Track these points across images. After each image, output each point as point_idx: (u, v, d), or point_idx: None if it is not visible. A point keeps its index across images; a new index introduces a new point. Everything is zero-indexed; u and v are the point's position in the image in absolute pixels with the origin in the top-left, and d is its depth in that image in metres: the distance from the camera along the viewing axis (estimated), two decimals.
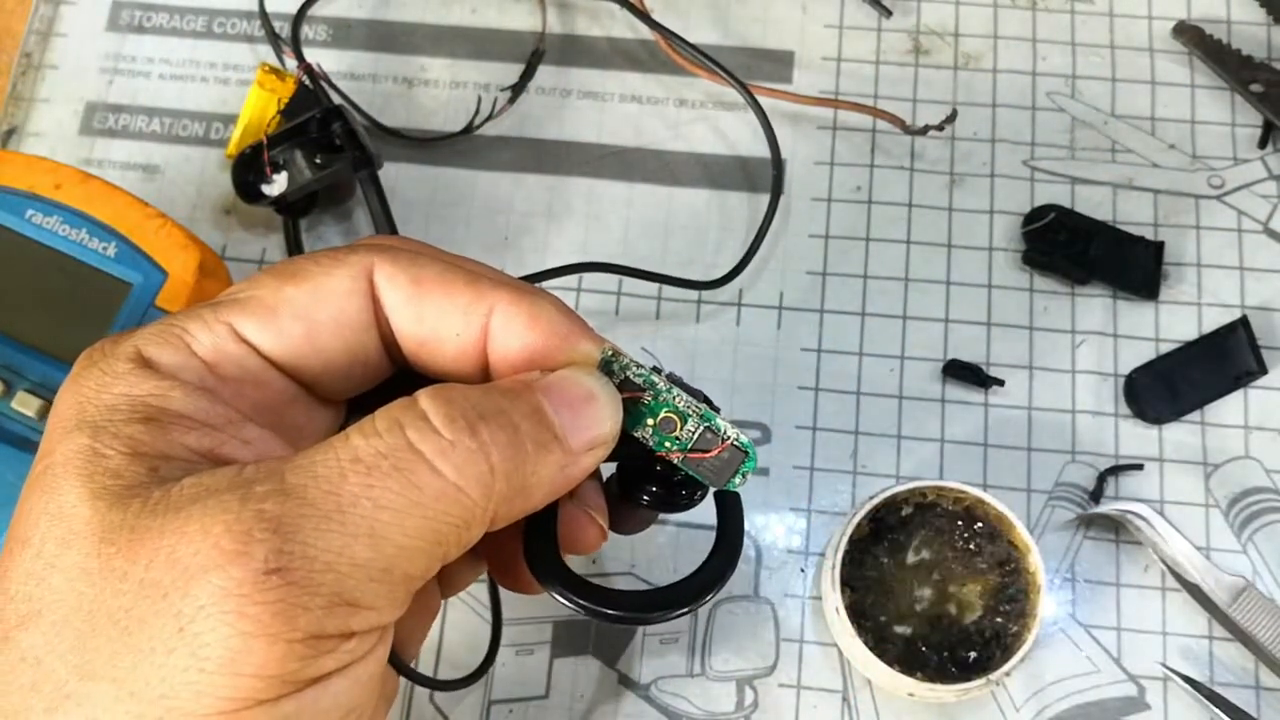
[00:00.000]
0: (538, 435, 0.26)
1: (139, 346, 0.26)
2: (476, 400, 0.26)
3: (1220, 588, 0.46)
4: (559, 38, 0.58)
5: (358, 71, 0.57)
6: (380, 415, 0.25)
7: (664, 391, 0.29)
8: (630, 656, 0.47)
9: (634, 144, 0.56)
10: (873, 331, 0.52)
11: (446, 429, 0.25)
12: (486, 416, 0.25)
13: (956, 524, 0.46)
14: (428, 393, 0.25)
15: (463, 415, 0.25)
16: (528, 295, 0.28)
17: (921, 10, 0.57)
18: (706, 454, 0.29)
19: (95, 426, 0.25)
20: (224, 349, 0.27)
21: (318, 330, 0.28)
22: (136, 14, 0.59)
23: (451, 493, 0.24)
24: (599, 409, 0.27)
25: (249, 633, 0.22)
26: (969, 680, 0.43)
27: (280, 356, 0.27)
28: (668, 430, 0.29)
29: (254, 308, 0.27)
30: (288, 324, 0.27)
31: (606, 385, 0.28)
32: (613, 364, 0.29)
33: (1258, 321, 0.50)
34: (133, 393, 0.25)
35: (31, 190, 0.46)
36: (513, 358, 0.28)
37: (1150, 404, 0.49)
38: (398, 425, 0.25)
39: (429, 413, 0.25)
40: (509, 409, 0.26)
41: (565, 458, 0.27)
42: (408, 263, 0.28)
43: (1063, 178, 0.54)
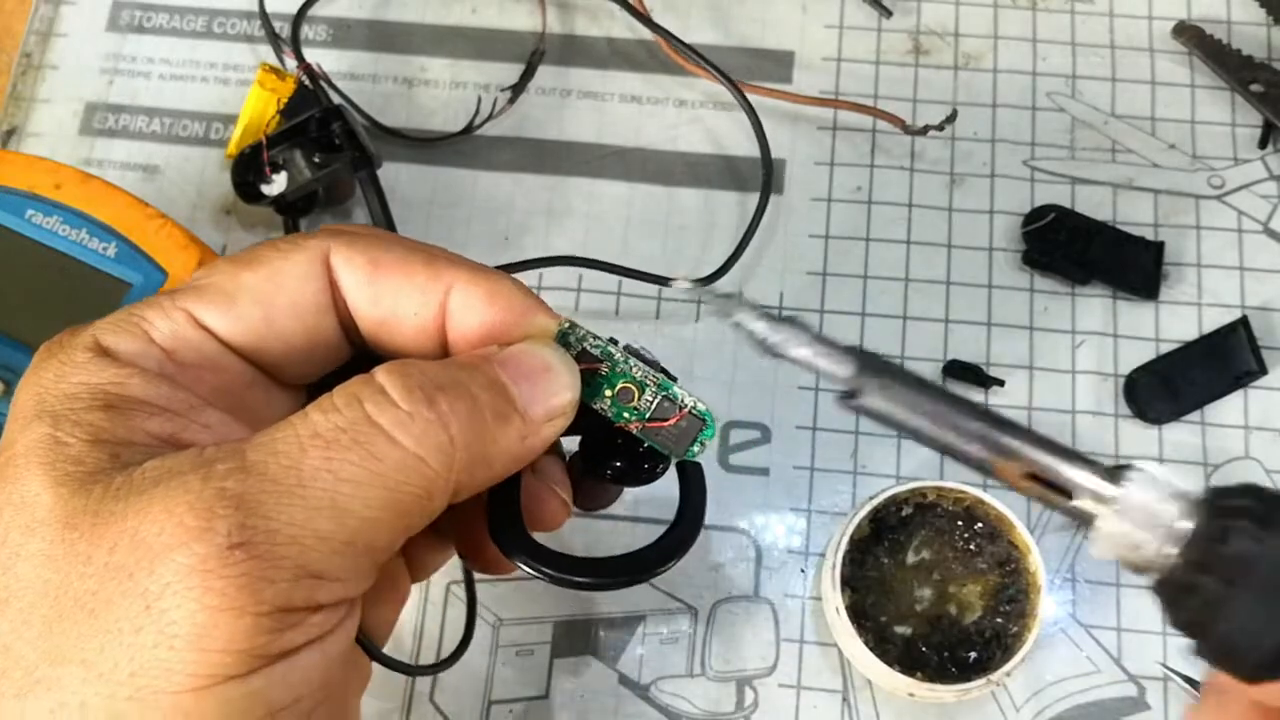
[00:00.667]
0: (497, 406, 0.26)
1: (97, 336, 0.26)
2: (434, 373, 0.26)
3: None
4: (559, 38, 0.58)
5: (358, 72, 0.57)
6: (338, 391, 0.25)
7: (620, 362, 0.29)
8: (630, 657, 0.47)
9: (634, 144, 0.56)
10: (873, 332, 0.52)
11: (404, 401, 0.25)
12: (445, 388, 0.26)
13: (957, 524, 0.46)
14: (385, 367, 0.26)
15: (420, 387, 0.25)
16: (485, 274, 0.29)
17: (921, 10, 0.57)
18: (665, 423, 0.29)
19: (55, 415, 0.25)
20: (182, 335, 0.27)
21: (275, 314, 0.28)
22: (136, 14, 0.59)
23: (412, 463, 0.25)
24: (557, 379, 0.28)
25: (215, 607, 0.22)
26: (969, 680, 0.43)
27: (238, 341, 0.28)
28: (626, 400, 0.29)
29: (212, 294, 0.27)
30: (245, 309, 0.27)
31: (563, 356, 0.28)
32: (569, 336, 0.29)
33: (1258, 322, 0.50)
34: (92, 381, 0.25)
35: (31, 190, 0.46)
36: (471, 335, 0.28)
37: (1150, 404, 0.49)
38: (355, 400, 0.25)
39: (386, 386, 0.25)
40: (467, 380, 0.26)
41: (525, 428, 0.27)
42: (365, 245, 0.28)
43: (1063, 178, 0.54)
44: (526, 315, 0.29)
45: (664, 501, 0.32)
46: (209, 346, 0.27)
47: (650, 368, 0.29)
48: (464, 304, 0.28)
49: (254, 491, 0.23)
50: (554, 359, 0.28)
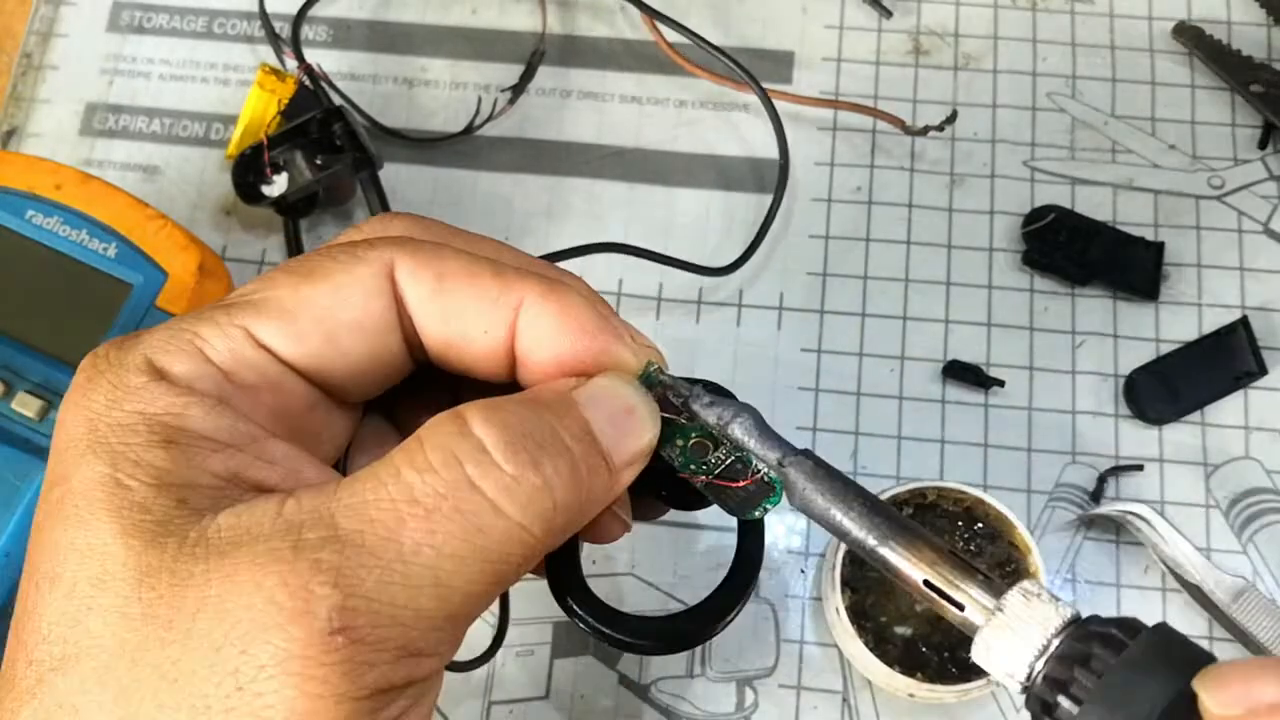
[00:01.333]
0: (590, 459, 0.25)
1: (149, 356, 0.25)
2: (530, 424, 0.24)
3: (1220, 588, 0.45)
4: (559, 38, 0.58)
5: (358, 72, 0.57)
6: (431, 445, 0.23)
7: (702, 412, 0.28)
8: (630, 657, 0.47)
9: (634, 145, 0.56)
10: (873, 332, 0.52)
11: (509, 462, 0.23)
12: (545, 445, 0.24)
13: (957, 525, 0.45)
14: (480, 416, 0.24)
15: (523, 446, 0.23)
16: (556, 289, 0.27)
17: (922, 11, 0.57)
18: (732, 483, 0.28)
19: (113, 452, 0.23)
20: (240, 355, 0.25)
21: (338, 332, 0.26)
22: (137, 15, 0.59)
23: (516, 533, 0.23)
24: (640, 423, 0.26)
25: (316, 694, 0.21)
26: (969, 681, 0.43)
27: (300, 361, 0.26)
28: (697, 455, 0.28)
29: (270, 310, 0.26)
30: (307, 327, 0.26)
31: (646, 397, 0.27)
32: (652, 378, 0.28)
33: (1258, 322, 0.50)
34: (148, 410, 0.24)
35: (32, 191, 0.46)
36: (542, 358, 0.27)
37: (1150, 404, 0.49)
38: (454, 460, 0.23)
39: (486, 443, 0.23)
40: (561, 431, 0.25)
41: (611, 477, 0.26)
42: (430, 257, 0.27)
43: (1063, 178, 0.54)
44: (600, 340, 0.27)
45: None
46: (269, 367, 0.26)
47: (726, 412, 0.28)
48: (534, 323, 0.26)
49: (352, 567, 0.21)
50: (637, 400, 0.27)
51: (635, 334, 0.28)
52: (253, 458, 0.24)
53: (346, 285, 0.26)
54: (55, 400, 0.44)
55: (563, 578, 0.28)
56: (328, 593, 0.21)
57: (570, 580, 0.28)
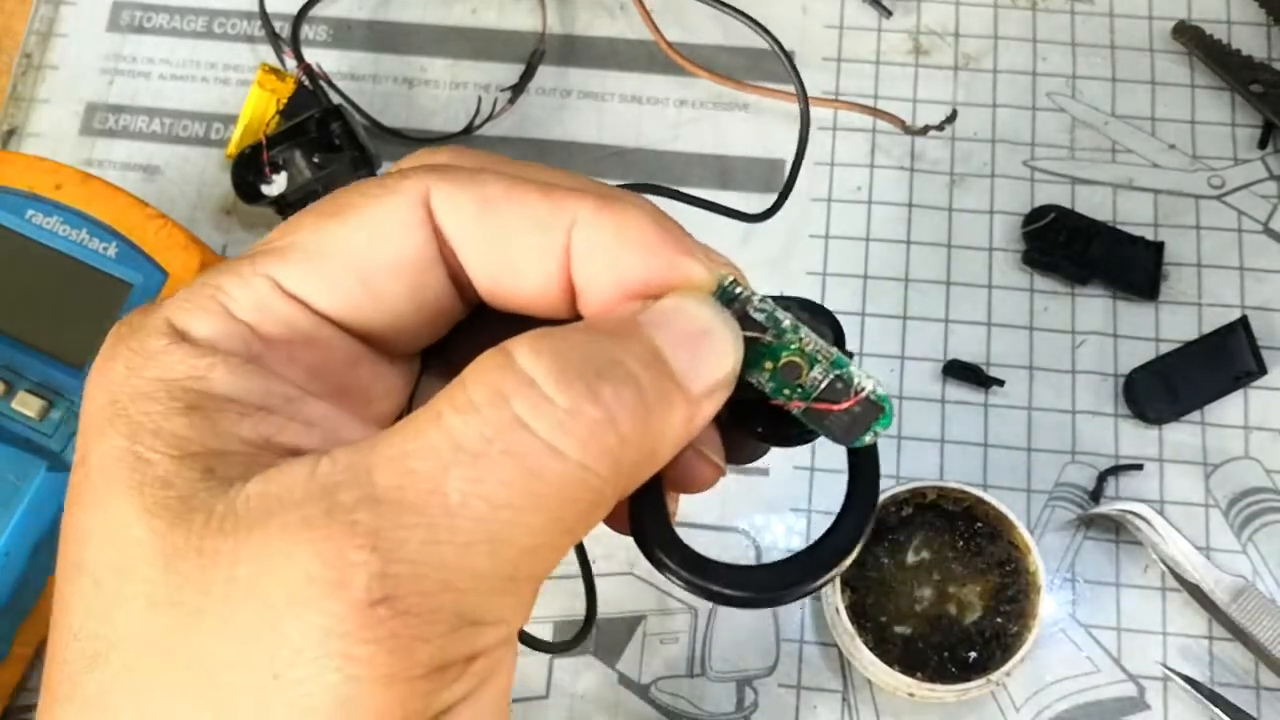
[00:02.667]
0: (660, 386, 0.21)
1: (169, 317, 0.22)
2: (586, 352, 0.21)
3: (1220, 588, 0.46)
4: (559, 38, 0.58)
5: (358, 72, 0.57)
6: (474, 382, 0.20)
7: (789, 331, 0.24)
8: (630, 656, 0.47)
9: (634, 144, 0.56)
10: (873, 332, 0.52)
11: (562, 395, 0.20)
12: (604, 373, 0.21)
13: (957, 524, 0.46)
14: (527, 347, 0.21)
15: (578, 375, 0.20)
16: (612, 203, 0.23)
17: (922, 10, 0.57)
18: (834, 406, 0.24)
19: (132, 423, 0.21)
20: (268, 307, 0.23)
21: (375, 274, 0.23)
22: (137, 14, 0.59)
23: (577, 474, 0.20)
24: (719, 345, 0.23)
25: (361, 677, 0.18)
26: (969, 680, 0.43)
27: (334, 310, 0.23)
28: (790, 377, 0.24)
29: (296, 255, 0.23)
30: (338, 270, 0.23)
31: (724, 315, 0.23)
32: (729, 292, 0.24)
33: (1258, 322, 0.50)
34: (168, 375, 0.21)
35: (32, 190, 0.46)
36: (602, 283, 0.23)
37: (1150, 404, 0.49)
38: (500, 397, 0.20)
39: (535, 375, 0.20)
40: (624, 358, 0.21)
41: (688, 408, 0.22)
42: (468, 181, 0.23)
43: (1063, 178, 0.54)
44: (666, 255, 0.23)
45: None
46: (300, 319, 0.23)
47: (821, 329, 0.25)
48: (589, 243, 0.23)
49: (391, 527, 0.19)
50: (714, 320, 0.23)
51: (707, 250, 0.24)
52: (286, 420, 0.22)
53: (378, 219, 0.23)
54: (55, 400, 0.44)
55: (646, 526, 0.24)
56: (365, 558, 0.18)
57: (655, 529, 0.24)
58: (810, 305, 0.26)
